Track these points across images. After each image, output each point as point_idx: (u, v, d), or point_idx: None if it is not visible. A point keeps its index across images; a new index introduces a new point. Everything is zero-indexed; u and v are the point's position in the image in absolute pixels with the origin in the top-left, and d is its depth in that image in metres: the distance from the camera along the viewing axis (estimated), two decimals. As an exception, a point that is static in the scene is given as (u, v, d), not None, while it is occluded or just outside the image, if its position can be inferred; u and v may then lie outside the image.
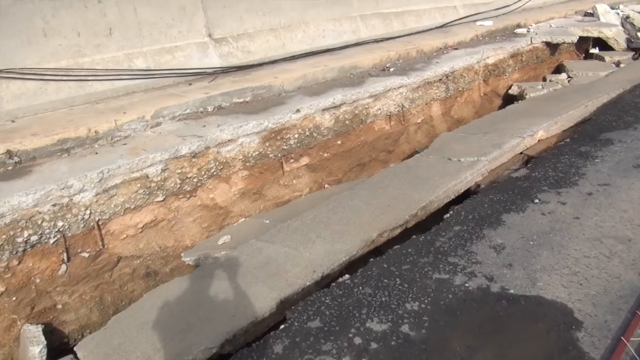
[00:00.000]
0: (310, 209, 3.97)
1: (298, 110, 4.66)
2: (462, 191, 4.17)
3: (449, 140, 5.14)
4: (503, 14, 8.78)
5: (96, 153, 3.73)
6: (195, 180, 4.01)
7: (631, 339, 2.29)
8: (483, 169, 4.37)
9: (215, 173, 4.14)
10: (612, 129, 4.83)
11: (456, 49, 6.94)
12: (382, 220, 3.62)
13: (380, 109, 5.48)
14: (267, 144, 4.48)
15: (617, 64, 7.88)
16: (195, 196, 4.08)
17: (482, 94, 6.98)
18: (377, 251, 3.43)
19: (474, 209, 3.55)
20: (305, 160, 4.90)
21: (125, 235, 3.68)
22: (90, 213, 3.41)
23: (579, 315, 2.46)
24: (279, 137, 4.56)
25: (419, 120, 6.04)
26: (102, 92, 4.65)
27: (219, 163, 4.15)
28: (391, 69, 5.96)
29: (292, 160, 4.78)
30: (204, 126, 4.23)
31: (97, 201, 3.43)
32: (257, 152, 4.40)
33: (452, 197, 4.11)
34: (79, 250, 3.42)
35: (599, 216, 3.33)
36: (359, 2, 6.97)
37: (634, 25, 9.36)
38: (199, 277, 3.26)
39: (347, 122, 5.15)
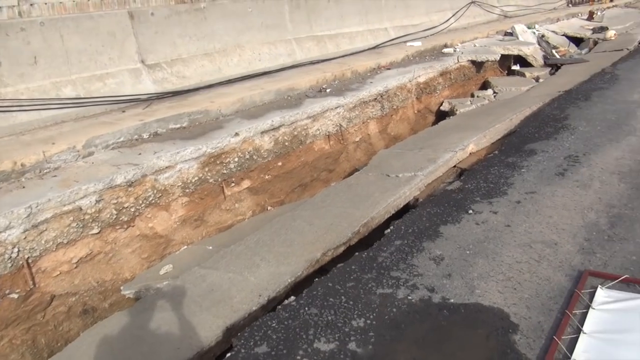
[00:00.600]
0: (254, 232, 3.95)
1: (237, 134, 4.66)
2: (401, 206, 4.30)
3: (386, 157, 5.29)
4: (431, 35, 9.23)
5: (23, 187, 3.54)
6: (132, 209, 3.88)
7: (562, 337, 2.43)
8: (420, 183, 4.53)
9: (153, 201, 4.04)
10: (535, 140, 5.15)
11: (389, 69, 7.20)
12: (325, 239, 3.65)
13: (319, 129, 5.56)
14: (207, 169, 4.43)
15: (537, 79, 8.45)
16: (133, 226, 3.95)
17: (416, 111, 7.26)
18: (323, 270, 3.45)
19: (413, 222, 3.66)
20: (246, 183, 4.88)
21: (58, 272, 3.49)
22: (19, 251, 3.22)
23: (514, 318, 2.58)
24: (218, 162, 4.52)
25: (357, 139, 6.18)
26: (28, 123, 4.44)
27: (157, 191, 4.05)
28: (328, 90, 6.09)
29: (233, 184, 4.74)
30: (140, 154, 4.13)
31: (25, 238, 3.25)
32: (196, 178, 4.34)
33: (393, 212, 4.22)
34: (7, 292, 3.20)
35: (527, 223, 3.53)
36: (293, 26, 7.10)
37: (549, 43, 10.12)
38: (141, 311, 3.15)
39: (286, 143, 5.19)
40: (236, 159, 4.67)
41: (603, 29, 11.42)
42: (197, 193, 4.40)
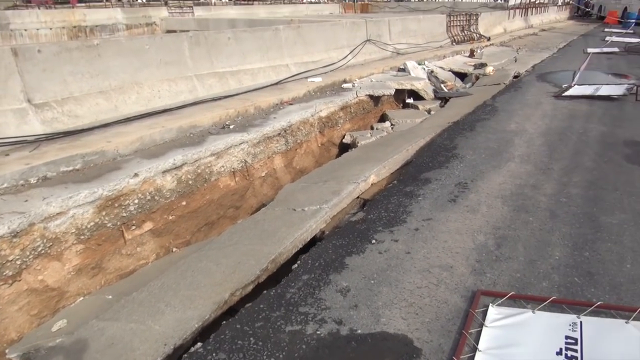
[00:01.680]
0: (158, 276, 3.78)
1: (136, 175, 4.48)
2: (308, 239, 4.36)
3: (292, 191, 5.36)
4: (330, 71, 9.61)
5: None
6: (18, 262, 3.56)
7: (461, 357, 2.58)
8: (325, 216, 4.64)
9: (43, 251, 3.74)
10: (429, 169, 5.52)
11: (291, 104, 7.37)
12: (233, 278, 3.60)
13: (223, 166, 5.52)
14: (104, 213, 4.20)
15: (429, 111, 9.09)
16: (19, 280, 3.61)
17: (319, 144, 7.47)
18: (232, 311, 3.38)
19: (319, 256, 3.73)
20: (148, 225, 4.68)
21: None
22: None
23: (417, 343, 2.71)
24: (116, 205, 4.30)
25: (263, 174, 6.21)
26: None
27: (47, 240, 3.75)
28: (231, 126, 6.08)
29: (134, 227, 4.53)
30: (27, 200, 3.82)
31: None
32: (92, 223, 4.09)
33: (300, 246, 4.26)
34: None
35: (426, 249, 3.75)
36: (193, 63, 7.05)
37: (438, 78, 10.97)
38: (29, 375, 2.86)
39: (190, 182, 5.08)
40: (136, 201, 4.48)
41: (483, 65, 12.64)
42: (93, 239, 4.14)
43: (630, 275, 3.35)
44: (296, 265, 3.65)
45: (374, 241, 3.89)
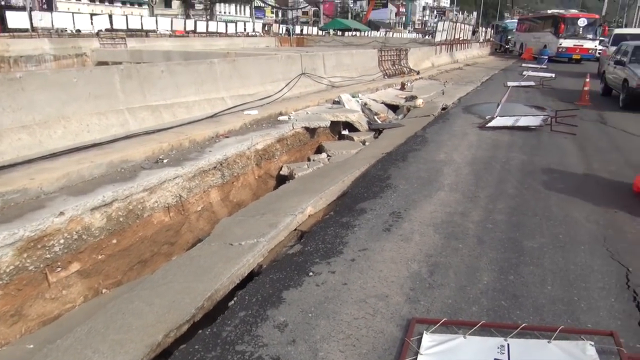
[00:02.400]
0: (85, 321, 3.57)
1: (62, 213, 4.27)
2: (246, 274, 4.30)
3: (229, 225, 5.29)
4: (267, 104, 9.71)
5: None
6: None
7: (397, 386, 2.63)
8: (263, 249, 4.61)
9: (-46, 300, 3.44)
10: (364, 199, 5.65)
11: (227, 137, 7.35)
12: (167, 319, 3.47)
13: (157, 202, 5.38)
14: (25, 255, 3.95)
15: (364, 142, 9.36)
16: None
17: (257, 177, 7.47)
18: (166, 353, 3.25)
19: (257, 291, 3.69)
20: (75, 266, 4.45)
21: None
22: None
23: (355, 375, 2.72)
24: (40, 246, 4.07)
25: (199, 208, 6.10)
26: None
27: (-41, 287, 3.47)
28: (165, 161, 5.96)
29: (59, 269, 4.29)
30: (-64, 245, 3.53)
31: None
32: (11, 267, 3.83)
33: (237, 281, 4.19)
34: None
35: (362, 279, 3.81)
36: (125, 96, 6.89)
37: (371, 110, 11.37)
38: None
39: (121, 219, 4.90)
40: (62, 241, 4.25)
41: (413, 97, 13.25)
42: (13, 284, 3.87)
43: (551, 296, 3.57)
44: (233, 302, 3.58)
45: (311, 273, 3.90)
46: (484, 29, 51.06)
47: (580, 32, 29.93)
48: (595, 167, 6.99)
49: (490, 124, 9.88)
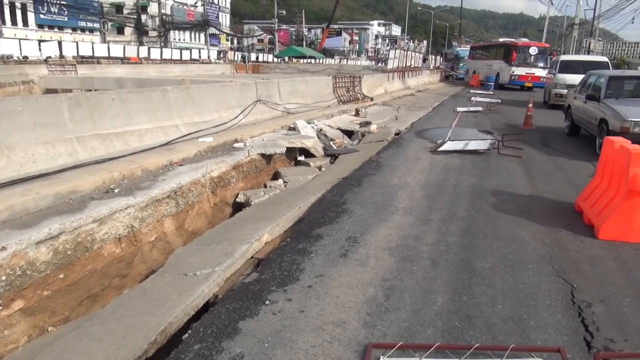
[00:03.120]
0: (28, 362, 3.39)
1: (4, 248, 4.07)
2: (201, 305, 4.20)
3: (184, 254, 5.18)
4: (222, 131, 9.67)
5: None
6: None
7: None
8: (219, 279, 4.52)
9: None
10: (320, 225, 5.67)
11: (181, 165, 7.25)
12: (117, 356, 3.33)
13: (107, 233, 5.21)
14: (-37, 294, 3.72)
15: (320, 168, 9.44)
16: None
17: (212, 205, 7.37)
18: (116, 393, 3.12)
19: (212, 322, 3.61)
20: (18, 304, 4.23)
21: None
22: None
23: (313, 404, 2.69)
24: (-21, 284, 3.85)
25: (152, 239, 5.95)
26: None
27: None
28: (116, 190, 5.81)
29: (0, 308, 4.05)
30: None
31: None
32: (-53, 308, 3.60)
33: (192, 313, 4.09)
34: None
35: (319, 306, 3.80)
36: (74, 124, 6.71)
37: (327, 136, 11.51)
38: None
39: (69, 252, 4.71)
40: (3, 278, 4.04)
41: (368, 123, 13.54)
42: (-52, 326, 3.63)
43: (503, 316, 3.67)
44: (187, 334, 3.49)
45: (267, 302, 3.86)
46: (433, 56, 53.11)
47: (532, 61, 30.67)
48: (540, 189, 7.32)
49: (441, 148, 10.20)
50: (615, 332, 3.48)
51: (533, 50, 30.99)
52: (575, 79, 15.99)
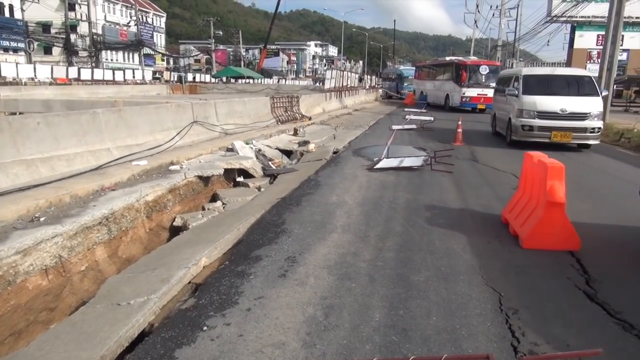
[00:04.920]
0: (-59, 410, 3.12)
1: None
2: (135, 336, 4.04)
3: (117, 283, 4.98)
4: (157, 153, 9.44)
5: None
6: None
7: None
8: (154, 307, 4.38)
9: None
10: (259, 246, 5.65)
11: (114, 189, 7.00)
12: (43, 396, 3.14)
13: (32, 265, 4.93)
14: None
15: (259, 188, 9.41)
16: None
17: (147, 230, 7.14)
18: None
19: (147, 353, 3.49)
20: None
21: None
22: None
23: None
24: None
25: (82, 268, 5.68)
26: None
27: None
28: (42, 219, 5.52)
29: None
30: None
31: None
32: None
33: (126, 344, 3.92)
34: None
35: (258, 328, 3.77)
36: (-6, 150, 6.33)
37: (265, 156, 11.52)
38: None
39: (-11, 287, 4.41)
40: None
41: (306, 142, 13.68)
42: None
43: (437, 327, 3.81)
44: (120, 368, 3.35)
45: (205, 328, 3.79)
46: (369, 76, 54.59)
47: (483, 80, 28.63)
48: (470, 202, 7.69)
49: (378, 166, 10.48)
50: (539, 336, 3.70)
51: (484, 69, 29.15)
52: (554, 104, 13.16)
